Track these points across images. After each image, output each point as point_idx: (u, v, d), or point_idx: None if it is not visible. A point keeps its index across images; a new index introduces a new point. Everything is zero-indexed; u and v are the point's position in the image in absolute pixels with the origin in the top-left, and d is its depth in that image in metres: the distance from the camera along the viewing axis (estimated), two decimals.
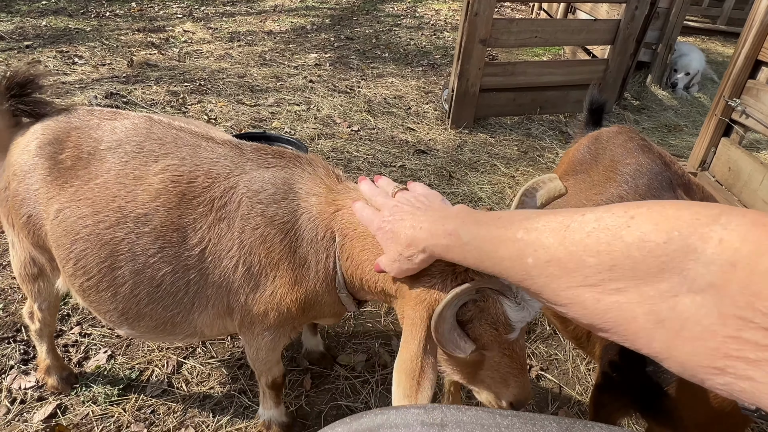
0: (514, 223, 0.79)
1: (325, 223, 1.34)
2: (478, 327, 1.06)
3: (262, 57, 5.64)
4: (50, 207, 1.41)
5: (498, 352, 1.10)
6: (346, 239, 1.31)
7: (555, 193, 1.08)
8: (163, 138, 1.45)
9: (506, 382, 1.12)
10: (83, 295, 1.46)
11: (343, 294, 1.40)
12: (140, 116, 1.51)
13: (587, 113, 2.24)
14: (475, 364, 1.15)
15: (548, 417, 0.66)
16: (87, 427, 1.83)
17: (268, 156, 1.43)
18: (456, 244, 0.89)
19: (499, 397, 1.16)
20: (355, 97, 4.80)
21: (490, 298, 1.05)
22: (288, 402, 2.00)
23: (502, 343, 1.08)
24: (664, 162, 1.75)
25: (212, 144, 1.46)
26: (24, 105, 1.45)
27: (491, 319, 1.05)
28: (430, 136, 4.20)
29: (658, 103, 5.31)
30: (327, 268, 1.36)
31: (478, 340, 1.07)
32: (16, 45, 5.25)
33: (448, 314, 0.99)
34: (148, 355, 2.12)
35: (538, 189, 1.08)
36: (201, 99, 4.41)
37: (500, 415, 0.65)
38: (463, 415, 0.64)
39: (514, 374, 1.11)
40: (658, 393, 1.31)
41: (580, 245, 0.67)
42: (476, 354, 1.10)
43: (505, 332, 1.06)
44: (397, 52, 6.21)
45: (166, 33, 6.15)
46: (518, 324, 1.06)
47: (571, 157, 2.04)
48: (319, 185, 1.39)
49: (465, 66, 4.12)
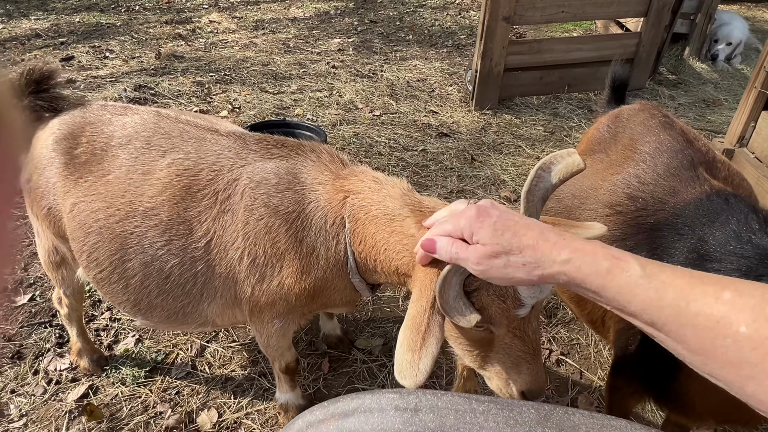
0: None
1: (335, 210, 1.35)
2: (484, 297, 1.01)
3: (286, 44, 5.66)
4: (67, 201, 1.47)
5: (508, 332, 1.05)
6: (358, 224, 1.31)
7: (573, 169, 1.01)
8: (170, 132, 1.48)
9: (518, 368, 1.08)
10: (98, 286, 1.52)
11: (356, 279, 1.40)
12: (149, 111, 1.55)
13: (609, 90, 2.15)
14: (484, 343, 1.11)
15: (527, 403, 0.65)
16: (116, 407, 1.92)
17: (270, 146, 1.44)
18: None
19: (511, 384, 1.11)
20: (378, 82, 4.76)
21: None
22: (306, 385, 2.04)
23: (512, 319, 1.03)
24: (686, 139, 1.67)
25: (217, 136, 1.48)
26: (42, 101, 1.51)
27: (499, 290, 1.00)
28: (453, 119, 4.14)
29: (697, 77, 5.05)
30: (338, 255, 1.37)
31: (484, 311, 1.02)
32: (51, 42, 5.44)
33: (453, 281, 0.95)
34: (173, 339, 2.20)
35: (555, 164, 1.02)
36: (226, 88, 4.47)
37: (477, 401, 0.64)
38: (438, 400, 0.64)
39: (526, 360, 1.07)
40: (670, 379, 1.27)
41: None
42: (485, 332, 1.07)
43: (514, 306, 1.01)
44: (421, 34, 6.12)
45: (193, 24, 6.25)
46: (528, 299, 1.01)
47: (591, 137, 1.97)
48: (324, 173, 1.39)
49: (488, 45, 4.01)
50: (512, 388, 1.10)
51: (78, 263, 1.55)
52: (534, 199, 0.98)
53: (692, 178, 1.54)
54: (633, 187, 1.62)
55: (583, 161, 1.04)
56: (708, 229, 1.38)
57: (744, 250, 1.26)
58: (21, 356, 2.10)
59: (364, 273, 1.39)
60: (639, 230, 1.53)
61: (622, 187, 1.65)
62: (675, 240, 1.42)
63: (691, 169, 1.57)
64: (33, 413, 1.88)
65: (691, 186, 1.52)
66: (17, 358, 2.09)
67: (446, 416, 0.61)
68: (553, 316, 2.39)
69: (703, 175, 1.54)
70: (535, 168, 1.00)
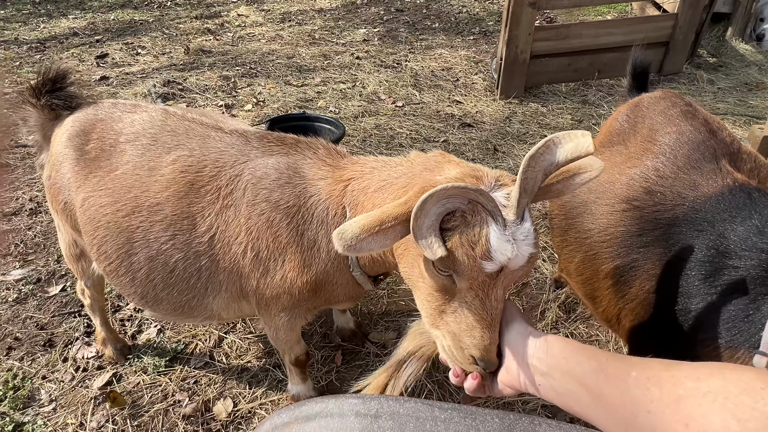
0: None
1: (336, 201, 1.36)
2: (456, 239, 0.95)
3: (312, 36, 5.67)
4: (78, 195, 1.52)
5: (471, 288, 0.98)
6: (357, 208, 1.31)
7: (582, 151, 0.96)
8: (176, 130, 1.52)
9: (472, 332, 0.99)
10: (108, 278, 1.58)
11: (357, 273, 1.41)
12: (157, 109, 1.58)
13: (630, 77, 2.05)
14: (445, 295, 1.04)
15: (491, 411, 0.63)
16: (138, 394, 2.00)
17: (271, 143, 1.46)
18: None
19: (461, 346, 1.02)
20: (402, 72, 4.72)
21: (479, 215, 0.95)
22: (319, 377, 2.06)
23: (477, 272, 0.96)
24: (709, 129, 1.58)
25: (220, 134, 1.50)
26: (58, 99, 1.56)
27: (471, 235, 0.94)
28: (478, 109, 4.06)
29: (739, 59, 4.77)
30: None
31: (451, 253, 0.96)
32: (87, 40, 5.64)
33: (432, 210, 0.91)
34: (193, 330, 2.26)
35: (566, 141, 0.97)
36: (251, 82, 4.53)
37: (439, 409, 0.63)
38: (400, 407, 0.63)
39: (482, 325, 0.98)
40: None
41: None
42: (448, 279, 1.00)
43: (481, 256, 0.94)
44: (447, 22, 6.01)
45: (222, 18, 6.34)
46: (497, 254, 0.93)
47: (609, 127, 1.89)
48: (323, 167, 1.40)
49: (513, 32, 3.91)
50: (464, 353, 1.01)
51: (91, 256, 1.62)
52: (536, 167, 0.94)
53: (714, 171, 1.46)
54: (651, 180, 1.55)
55: (595, 146, 0.99)
56: (729, 225, 1.30)
57: (767, 246, 1.19)
58: (52, 344, 2.21)
59: (364, 264, 1.39)
60: (656, 226, 1.46)
61: (640, 180, 1.58)
62: (693, 236, 1.35)
63: (713, 161, 1.49)
64: (61, 398, 1.98)
65: (713, 179, 1.44)
66: (49, 346, 2.20)
67: (406, 423, 0.60)
68: (572, 312, 2.33)
69: (726, 168, 1.46)
70: (546, 139, 0.96)
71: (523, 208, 0.95)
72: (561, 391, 0.79)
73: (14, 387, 2.01)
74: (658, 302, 1.34)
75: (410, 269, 1.12)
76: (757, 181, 1.49)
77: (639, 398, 0.68)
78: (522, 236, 0.94)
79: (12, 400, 1.94)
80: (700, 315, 1.15)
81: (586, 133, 0.98)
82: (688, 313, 1.19)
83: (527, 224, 0.95)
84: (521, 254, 0.95)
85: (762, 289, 1.07)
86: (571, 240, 1.71)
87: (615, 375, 0.73)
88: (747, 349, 1.01)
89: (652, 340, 1.37)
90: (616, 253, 1.50)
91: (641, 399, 0.68)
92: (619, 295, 1.47)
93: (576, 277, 1.72)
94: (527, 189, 0.94)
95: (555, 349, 0.85)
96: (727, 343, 1.06)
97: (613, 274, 1.49)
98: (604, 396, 0.73)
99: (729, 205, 1.34)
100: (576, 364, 0.79)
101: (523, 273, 1.00)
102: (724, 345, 1.06)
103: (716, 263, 1.22)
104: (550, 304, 2.37)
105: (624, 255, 1.48)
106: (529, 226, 0.95)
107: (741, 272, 1.15)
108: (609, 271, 1.51)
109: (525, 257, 0.96)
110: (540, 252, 2.66)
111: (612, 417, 0.71)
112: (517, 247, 0.94)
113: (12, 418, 1.89)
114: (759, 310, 1.04)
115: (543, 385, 0.82)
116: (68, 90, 1.59)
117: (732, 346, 1.05)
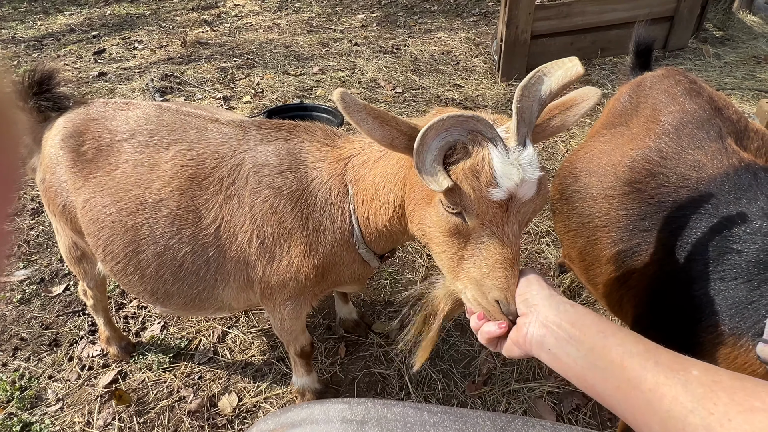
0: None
1: (339, 180, 1.36)
2: (460, 170, 0.94)
3: (309, 24, 5.60)
4: (79, 197, 1.51)
5: (482, 224, 0.95)
6: (359, 182, 1.32)
7: (573, 75, 0.96)
8: (172, 124, 1.50)
9: (493, 273, 0.94)
10: (116, 278, 1.57)
11: (363, 250, 1.41)
12: (150, 105, 1.56)
13: (633, 56, 1.99)
14: (460, 238, 1.00)
15: (482, 414, 0.61)
16: (143, 391, 2.01)
17: (269, 130, 1.46)
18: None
19: (484, 291, 0.97)
20: (401, 57, 4.65)
21: (480, 145, 0.93)
22: (323, 369, 2.06)
23: (486, 204, 0.93)
24: (714, 107, 1.53)
25: (218, 125, 1.49)
26: (46, 101, 1.54)
27: (475, 164, 0.93)
28: (479, 92, 4.00)
29: (747, 32, 4.65)
30: (344, 225, 1.38)
31: (456, 186, 0.94)
32: (84, 36, 5.61)
33: (432, 144, 0.92)
34: (197, 325, 2.26)
35: (555, 69, 0.97)
36: (248, 73, 4.49)
37: (428, 413, 0.61)
38: (387, 411, 0.61)
39: (503, 264, 0.94)
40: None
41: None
42: (458, 217, 0.97)
43: (487, 183, 0.91)
44: (446, 4, 5.91)
45: (218, 9, 6.27)
46: (503, 179, 0.91)
47: (611, 108, 1.84)
48: (322, 149, 1.40)
49: (513, 12, 3.83)
50: (487, 298, 0.96)
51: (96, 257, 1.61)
52: (530, 96, 0.94)
53: (719, 151, 1.42)
54: (654, 162, 1.51)
55: (583, 68, 0.98)
56: (733, 207, 1.27)
57: None
58: (57, 343, 2.22)
59: (370, 241, 1.39)
60: (659, 209, 1.43)
61: (642, 162, 1.54)
62: (697, 219, 1.31)
63: (718, 140, 1.44)
64: (68, 397, 1.99)
65: (718, 159, 1.40)
66: (54, 346, 2.21)
67: (394, 429, 0.58)
68: (577, 296, 2.31)
69: (732, 147, 1.41)
70: (535, 70, 0.96)
71: (524, 137, 0.93)
72: (585, 365, 0.73)
73: (21, 387, 2.02)
74: (660, 288, 1.31)
75: (422, 224, 1.10)
76: (765, 159, 1.45)
77: (702, 397, 0.64)
78: (526, 160, 0.92)
79: (19, 400, 1.96)
80: (703, 301, 1.12)
81: (573, 59, 0.99)
82: (691, 299, 1.16)
83: (530, 149, 0.93)
84: (527, 178, 0.92)
85: (766, 275, 1.04)
86: (573, 225, 1.68)
87: (669, 366, 0.68)
88: (750, 337, 0.98)
89: (655, 326, 1.34)
90: (618, 237, 1.47)
91: (704, 399, 0.63)
92: (621, 281, 1.44)
93: (579, 263, 1.69)
94: (524, 118, 0.93)
95: (587, 320, 0.78)
96: (731, 330, 1.03)
97: (615, 260, 1.46)
98: (647, 381, 0.68)
99: (734, 186, 1.30)
100: (617, 342, 0.73)
101: (535, 207, 0.97)
102: (728, 332, 1.03)
103: (720, 247, 1.19)
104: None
105: (626, 240, 1.44)
106: (532, 152, 0.93)
107: (745, 257, 1.11)
108: (611, 257, 1.48)
109: (533, 185, 0.93)
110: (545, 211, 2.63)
111: (652, 409, 0.67)
112: (522, 170, 0.91)
113: (20, 418, 1.90)
114: (763, 296, 1.01)
115: (561, 355, 0.76)
116: (56, 91, 1.56)
117: (736, 334, 1.02)
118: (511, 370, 2.02)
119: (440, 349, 2.12)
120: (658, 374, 0.68)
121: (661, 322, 1.31)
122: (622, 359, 0.72)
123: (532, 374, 2.01)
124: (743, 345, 1.00)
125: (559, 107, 1.05)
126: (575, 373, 0.74)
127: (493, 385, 1.97)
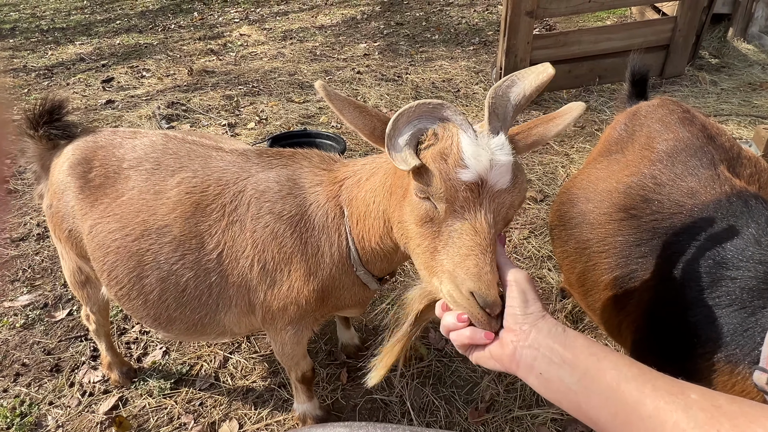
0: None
1: (334, 202, 1.39)
2: (429, 152, 0.96)
3: (313, 52, 5.73)
4: (85, 223, 1.55)
5: (453, 210, 0.94)
6: (353, 202, 1.34)
7: (545, 77, 1.00)
8: (177, 152, 1.55)
9: (465, 261, 0.91)
10: (120, 302, 1.59)
11: (361, 272, 1.43)
12: (157, 134, 1.61)
13: (629, 85, 2.04)
14: (433, 227, 0.99)
15: None
16: (143, 418, 2.00)
17: (269, 158, 1.50)
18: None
19: (458, 284, 0.92)
20: (403, 84, 4.74)
21: (450, 131, 0.96)
22: (325, 395, 2.05)
23: (454, 186, 0.92)
24: (707, 135, 1.56)
25: (221, 153, 1.53)
26: (55, 129, 1.59)
27: (444, 147, 0.94)
28: (479, 119, 4.06)
29: (742, 59, 4.74)
30: (341, 248, 1.40)
31: (424, 167, 0.95)
32: (94, 65, 5.74)
33: (404, 129, 0.96)
34: (198, 351, 2.27)
35: (527, 75, 1.01)
36: (253, 100, 4.58)
37: None
38: None
39: (474, 252, 0.91)
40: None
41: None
42: (428, 203, 0.97)
43: (455, 164, 0.92)
44: (447, 33, 6.05)
45: (224, 38, 6.43)
46: (471, 160, 0.91)
47: (607, 137, 1.88)
48: (319, 173, 1.44)
49: (512, 41, 3.92)
50: (461, 290, 0.91)
51: (100, 281, 1.63)
52: (503, 96, 0.98)
53: (712, 178, 1.44)
54: (648, 188, 1.54)
55: (553, 69, 1.02)
56: (726, 234, 1.29)
57: (763, 256, 1.17)
58: (59, 369, 2.22)
59: (367, 261, 1.41)
60: (654, 235, 1.45)
61: (637, 189, 1.57)
62: (692, 246, 1.33)
63: (710, 167, 1.47)
64: (68, 424, 1.99)
65: (711, 186, 1.42)
66: (56, 371, 2.21)
67: None
68: (579, 321, 2.31)
69: (724, 174, 1.44)
70: (509, 75, 1.01)
71: (497, 129, 0.95)
72: (579, 390, 0.73)
73: (21, 414, 2.02)
74: (657, 314, 1.32)
75: (401, 222, 1.10)
76: (757, 186, 1.47)
77: (704, 423, 0.63)
78: (496, 144, 0.93)
79: (19, 427, 1.95)
80: (699, 328, 1.13)
81: (545, 64, 1.03)
82: (687, 325, 1.17)
83: (501, 137, 0.94)
84: (497, 161, 0.92)
85: (759, 302, 1.05)
86: (571, 251, 1.70)
87: (668, 390, 0.68)
88: (747, 365, 0.99)
89: (653, 353, 1.35)
90: (615, 263, 1.48)
91: (706, 425, 0.62)
92: (619, 307, 1.45)
93: (578, 288, 1.70)
94: (497, 112, 0.96)
95: (578, 342, 0.77)
96: (727, 358, 1.04)
97: (613, 286, 1.48)
98: (647, 407, 0.67)
99: (726, 213, 1.33)
100: (610, 366, 0.73)
101: (512, 200, 0.96)
102: (724, 359, 1.04)
103: (713, 274, 1.20)
104: (556, 314, 2.34)
105: (623, 266, 1.46)
106: (503, 139, 0.94)
107: (739, 283, 1.13)
108: (609, 283, 1.50)
109: (506, 172, 0.93)
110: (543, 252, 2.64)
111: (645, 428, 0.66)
112: (491, 153, 0.92)
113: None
114: (757, 323, 1.02)
115: (553, 380, 0.75)
116: (65, 120, 1.62)
117: (732, 361, 1.03)
118: (514, 396, 2.01)
119: (442, 375, 2.11)
120: (657, 399, 0.67)
121: (659, 348, 1.31)
122: (618, 383, 0.71)
123: (536, 401, 2.00)
124: (740, 372, 1.00)
125: (544, 119, 1.08)
126: (568, 399, 0.74)
127: (495, 412, 1.96)
